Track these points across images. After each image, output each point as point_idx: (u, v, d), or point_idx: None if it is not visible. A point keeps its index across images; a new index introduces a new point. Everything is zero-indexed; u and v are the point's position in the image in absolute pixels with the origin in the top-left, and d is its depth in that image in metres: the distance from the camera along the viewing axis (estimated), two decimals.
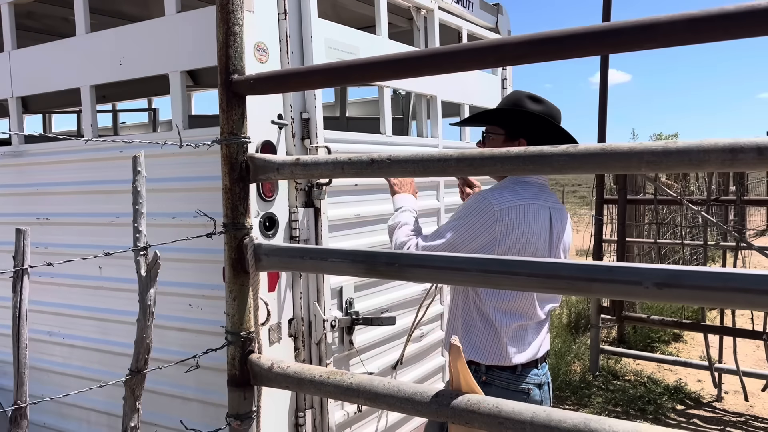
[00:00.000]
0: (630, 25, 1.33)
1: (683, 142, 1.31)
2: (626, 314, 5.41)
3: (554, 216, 2.11)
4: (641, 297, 1.39)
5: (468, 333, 2.11)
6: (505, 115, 2.16)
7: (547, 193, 2.15)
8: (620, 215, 5.44)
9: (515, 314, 2.08)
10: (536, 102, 2.15)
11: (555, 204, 2.15)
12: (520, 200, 2.02)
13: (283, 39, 2.29)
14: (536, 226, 2.03)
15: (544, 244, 2.06)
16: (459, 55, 1.54)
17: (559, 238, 2.14)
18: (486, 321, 2.07)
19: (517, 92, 2.22)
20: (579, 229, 14.69)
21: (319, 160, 1.82)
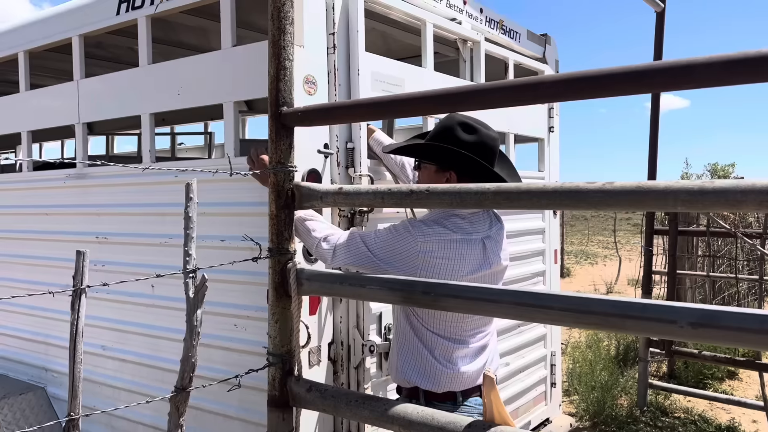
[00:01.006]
0: (667, 66, 1.35)
1: (720, 182, 1.31)
2: (676, 348, 5.25)
3: (488, 245, 2.07)
4: (676, 336, 1.38)
5: (406, 356, 2.10)
6: (435, 149, 2.12)
7: (480, 224, 2.09)
8: (671, 247, 5.32)
9: (452, 338, 2.06)
10: (469, 130, 2.10)
11: (491, 232, 2.10)
12: (448, 234, 2.00)
13: (331, 72, 2.39)
14: (464, 262, 2.00)
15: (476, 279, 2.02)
16: (497, 92, 1.59)
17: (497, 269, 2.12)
18: (423, 344, 2.06)
19: (451, 118, 2.15)
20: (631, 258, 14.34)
21: (360, 190, 1.88)
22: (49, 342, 3.48)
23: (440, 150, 2.10)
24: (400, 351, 2.13)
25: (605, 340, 7.07)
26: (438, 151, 2.11)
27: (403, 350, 2.12)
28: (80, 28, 3.12)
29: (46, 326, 3.47)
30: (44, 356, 3.54)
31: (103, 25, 3.00)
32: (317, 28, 2.34)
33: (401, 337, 2.13)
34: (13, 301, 3.44)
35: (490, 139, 2.14)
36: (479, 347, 2.14)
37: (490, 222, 2.15)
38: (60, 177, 3.33)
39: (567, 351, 7.09)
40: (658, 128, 5.31)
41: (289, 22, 1.88)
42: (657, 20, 5.23)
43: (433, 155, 2.15)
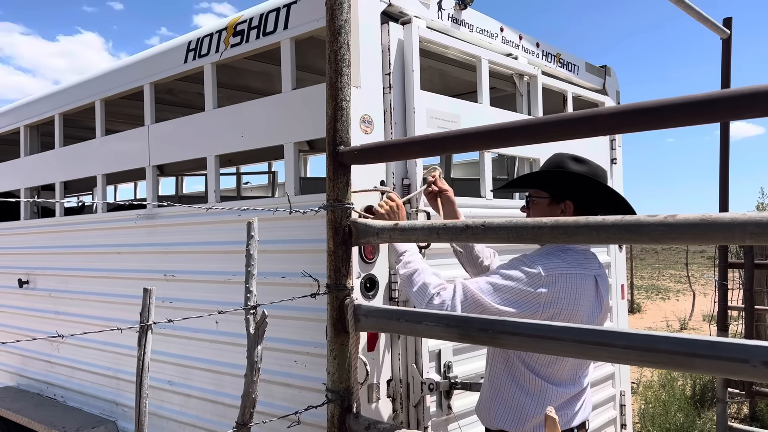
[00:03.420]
0: (726, 95, 1.31)
1: None
2: (757, 389, 4.94)
3: (601, 284, 2.02)
4: (749, 376, 1.31)
5: (500, 399, 2.03)
6: (548, 178, 2.10)
7: (592, 261, 2.04)
8: (747, 281, 5.05)
9: (561, 383, 2.00)
10: (579, 163, 2.08)
11: (599, 271, 2.04)
12: (568, 269, 1.94)
13: (387, 111, 2.43)
14: (583, 297, 1.94)
15: (590, 315, 1.96)
16: (551, 126, 1.57)
17: (606, 308, 2.04)
18: (521, 387, 1.99)
19: (559, 154, 2.14)
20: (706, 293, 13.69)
21: (415, 226, 1.89)
22: (120, 377, 3.61)
23: (554, 177, 2.09)
24: (493, 392, 2.07)
25: (680, 379, 6.73)
26: (551, 178, 2.10)
27: (496, 392, 2.06)
28: (151, 77, 3.31)
29: (118, 361, 3.61)
30: (115, 391, 3.67)
31: (172, 73, 3.17)
32: (373, 68, 2.40)
33: (494, 379, 2.08)
34: (88, 337, 3.60)
35: (601, 170, 2.13)
36: (578, 392, 2.08)
37: (599, 260, 2.11)
38: (131, 217, 3.49)
39: (638, 390, 6.78)
40: (728, 157, 5.11)
41: (346, 64, 1.94)
42: (723, 47, 5.08)
43: (545, 184, 2.12)
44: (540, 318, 1.89)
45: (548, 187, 2.10)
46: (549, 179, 2.11)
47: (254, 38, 2.73)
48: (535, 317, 1.89)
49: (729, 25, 4.99)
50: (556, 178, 2.09)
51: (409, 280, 2.05)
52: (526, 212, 2.17)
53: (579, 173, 2.05)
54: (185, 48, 3.08)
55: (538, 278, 1.90)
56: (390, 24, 2.48)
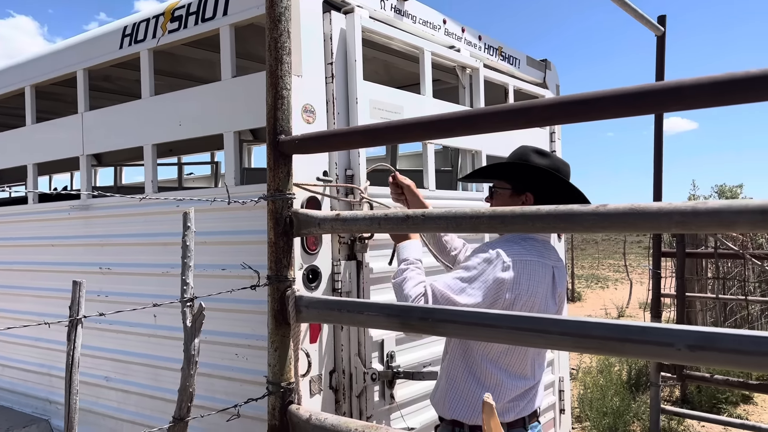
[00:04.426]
0: (654, 88, 1.35)
1: (713, 203, 1.31)
2: (688, 373, 5.16)
3: (557, 275, 2.08)
4: (674, 359, 1.36)
5: (456, 390, 2.05)
6: (511, 170, 2.15)
7: (551, 251, 2.11)
8: (679, 269, 5.26)
9: (519, 376, 2.04)
10: (543, 156, 2.13)
11: (557, 263, 2.10)
12: (528, 256, 1.99)
13: (330, 101, 2.41)
14: (541, 285, 1.99)
15: (545, 304, 2.01)
16: (490, 117, 1.59)
17: (561, 299, 2.10)
18: (478, 381, 2.02)
19: (524, 147, 2.19)
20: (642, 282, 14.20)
21: (357, 216, 1.88)
22: (53, 374, 3.48)
23: (516, 170, 2.13)
24: (450, 383, 2.09)
25: (617, 365, 6.97)
26: (514, 171, 2.14)
27: (453, 383, 2.08)
28: (85, 63, 3.18)
29: (51, 358, 3.48)
30: (48, 388, 3.54)
31: (106, 59, 3.05)
32: (315, 57, 2.38)
33: (451, 370, 2.10)
34: (19, 333, 3.45)
35: (563, 164, 2.17)
36: (532, 383, 2.12)
37: (557, 253, 2.16)
38: (64, 209, 3.36)
39: (578, 377, 6.99)
40: (662, 150, 5.30)
41: (286, 52, 1.91)
42: (658, 44, 5.25)
43: (509, 175, 2.16)
44: (502, 303, 1.93)
45: (511, 178, 2.15)
46: (512, 171, 2.15)
47: (193, 24, 2.66)
48: (498, 303, 1.93)
49: (663, 23, 5.17)
50: (518, 170, 2.13)
51: (398, 288, 2.06)
52: (489, 202, 2.21)
53: (540, 166, 2.09)
54: (120, 33, 2.97)
55: (500, 264, 1.94)
56: (332, 13, 2.46)
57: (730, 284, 7.27)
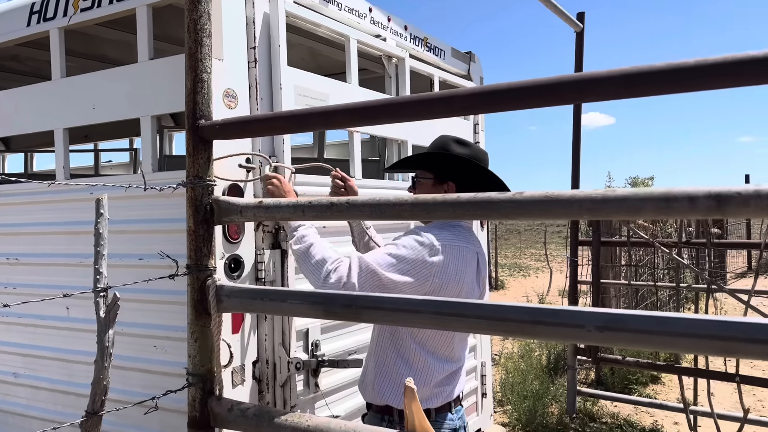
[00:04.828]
0: (567, 80, 1.40)
1: (621, 191, 1.37)
2: (602, 356, 5.42)
3: (481, 261, 2.14)
4: (584, 340, 1.43)
5: (385, 374, 2.08)
6: (432, 160, 2.18)
7: (475, 238, 2.16)
8: (594, 257, 5.51)
9: (445, 359, 2.08)
10: (462, 146, 2.18)
11: (480, 249, 2.16)
12: (457, 241, 2.03)
13: (252, 86, 2.37)
14: (468, 270, 2.04)
15: (471, 289, 2.06)
16: (412, 105, 1.61)
17: (484, 284, 2.16)
18: (407, 363, 2.04)
19: (444, 137, 2.24)
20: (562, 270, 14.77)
21: (280, 203, 1.86)
22: None
23: (437, 160, 2.15)
24: (379, 368, 2.10)
25: (537, 350, 7.23)
26: (436, 160, 2.16)
27: (382, 367, 2.09)
28: None
29: None
30: None
31: (12, 37, 2.87)
32: (237, 41, 2.32)
33: (380, 354, 2.10)
34: None
35: (483, 152, 2.21)
36: (458, 368, 2.16)
37: (479, 240, 2.20)
38: None
39: (500, 362, 7.21)
40: (579, 143, 5.52)
41: (206, 34, 1.86)
42: (577, 40, 5.45)
43: (431, 165, 2.18)
44: (429, 287, 1.95)
45: (433, 168, 2.17)
46: (434, 161, 2.18)
47: (107, 3, 2.54)
48: (425, 286, 1.95)
49: (582, 19, 5.36)
50: (440, 159, 2.16)
51: (304, 255, 2.00)
52: (413, 192, 2.23)
53: (461, 156, 2.13)
54: (28, 10, 2.80)
55: (430, 248, 1.96)
56: None
57: (641, 271, 7.67)
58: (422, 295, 1.82)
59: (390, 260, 1.94)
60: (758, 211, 1.22)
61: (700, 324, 1.28)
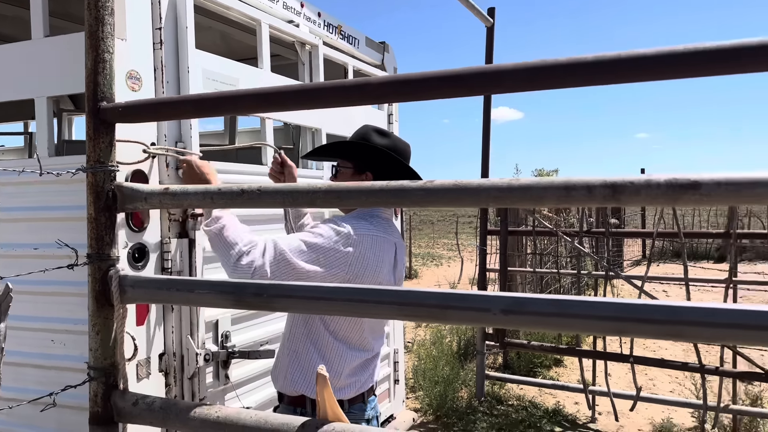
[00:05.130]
0: (476, 71, 1.44)
1: (525, 180, 1.43)
2: (509, 341, 5.64)
3: (399, 252, 2.17)
4: (490, 323, 1.48)
5: (298, 364, 2.07)
6: (352, 149, 2.20)
7: (394, 229, 2.19)
8: (502, 246, 5.71)
9: (359, 348, 2.10)
10: (383, 136, 2.20)
11: (399, 240, 2.20)
12: (375, 231, 2.06)
13: (158, 68, 2.27)
14: (385, 260, 2.06)
15: (389, 279, 2.09)
16: (325, 91, 1.60)
17: (401, 275, 2.21)
18: (321, 352, 2.05)
19: (366, 127, 2.26)
20: (473, 259, 15.22)
21: (188, 190, 1.80)
22: None
23: (357, 150, 2.16)
24: (291, 358, 2.07)
25: (448, 336, 7.43)
26: (355, 150, 2.17)
27: (295, 357, 2.07)
28: None
29: None
30: None
31: None
32: (141, 21, 2.21)
33: (294, 343, 2.08)
34: None
35: (403, 144, 2.23)
36: (372, 356, 2.16)
37: (398, 231, 2.22)
38: None
39: (413, 349, 7.35)
40: (489, 135, 5.69)
41: (108, 12, 1.77)
42: (488, 35, 5.60)
43: (351, 154, 2.18)
44: (346, 276, 1.96)
45: (353, 157, 2.18)
46: (354, 150, 2.19)
47: None
48: (340, 276, 1.94)
49: (492, 15, 5.51)
50: (360, 149, 2.17)
51: (218, 237, 1.95)
52: (333, 180, 2.23)
53: (380, 146, 2.14)
54: None
55: (347, 237, 1.96)
56: None
57: (545, 259, 8.04)
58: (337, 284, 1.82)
59: (305, 248, 1.93)
60: (648, 199, 1.31)
61: (595, 306, 1.35)
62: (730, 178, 1.19)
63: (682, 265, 4.83)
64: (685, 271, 4.73)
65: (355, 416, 2.09)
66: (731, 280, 4.63)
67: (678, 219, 4.80)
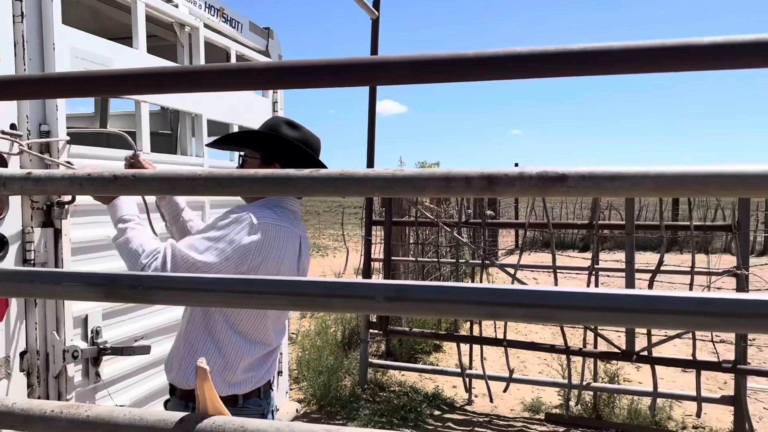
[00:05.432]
0: (362, 62, 1.45)
1: (409, 171, 1.46)
2: (392, 328, 5.77)
3: (303, 245, 2.18)
4: (375, 310, 1.50)
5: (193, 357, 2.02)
6: (260, 139, 2.18)
7: (300, 222, 2.19)
8: (386, 236, 5.82)
9: (257, 341, 2.07)
10: (293, 128, 2.18)
11: (304, 234, 2.20)
12: (278, 222, 2.04)
13: (19, 44, 2.08)
14: (288, 251, 2.05)
15: (292, 272, 2.09)
16: (204, 75, 1.54)
17: (304, 268, 2.21)
18: (218, 345, 2.00)
19: (276, 118, 2.25)
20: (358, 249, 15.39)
21: (54, 175, 1.67)
22: None
23: (266, 140, 2.12)
24: (187, 350, 2.01)
25: (333, 326, 7.46)
26: (264, 141, 2.13)
27: (190, 349, 2.01)
28: None
29: None
30: None
31: None
32: None
33: (191, 334, 2.02)
34: None
35: (314, 137, 2.20)
36: (273, 349, 2.13)
37: (303, 224, 2.21)
38: None
39: (297, 340, 7.31)
40: (374, 127, 5.76)
41: None
42: (373, 26, 5.65)
43: (259, 145, 2.15)
44: (248, 267, 1.92)
45: (262, 148, 2.15)
46: (263, 141, 2.15)
47: None
48: (243, 266, 1.91)
49: (377, 7, 5.57)
50: (269, 140, 2.14)
51: (123, 251, 1.91)
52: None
53: (289, 138, 2.12)
54: None
55: (249, 227, 1.93)
56: None
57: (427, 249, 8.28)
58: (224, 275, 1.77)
59: (206, 243, 1.90)
60: (521, 191, 1.38)
61: (471, 292, 1.41)
62: (593, 172, 1.29)
63: (550, 254, 5.16)
64: (553, 259, 5.06)
65: (250, 411, 2.06)
66: (593, 268, 5.03)
67: (548, 211, 5.12)
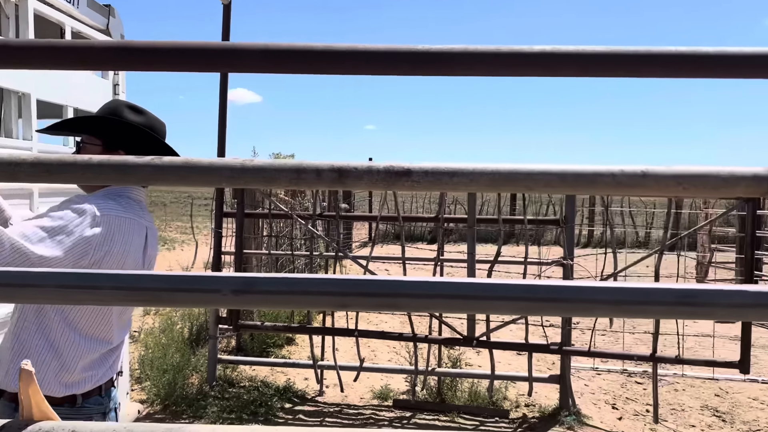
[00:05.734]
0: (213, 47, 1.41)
1: (259, 161, 1.44)
2: (242, 323, 5.65)
3: (150, 236, 2.09)
4: (221, 304, 1.46)
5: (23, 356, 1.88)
6: (101, 125, 2.04)
7: (146, 212, 2.10)
8: (238, 228, 5.68)
9: (98, 339, 1.97)
10: (137, 113, 2.07)
11: (151, 224, 2.11)
12: (123, 213, 1.94)
13: None
14: (134, 244, 1.96)
15: (134, 263, 1.99)
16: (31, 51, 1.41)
17: (151, 260, 2.13)
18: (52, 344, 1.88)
19: (117, 101, 2.13)
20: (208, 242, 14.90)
21: None
22: None
23: (107, 125, 1.98)
24: (17, 351, 1.85)
25: (179, 323, 7.15)
26: (105, 126, 1.99)
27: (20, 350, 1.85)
28: None
29: None
30: None
31: None
32: None
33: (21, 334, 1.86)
34: None
35: (159, 122, 2.09)
36: (115, 346, 2.03)
37: (150, 214, 2.10)
38: None
39: (140, 338, 6.92)
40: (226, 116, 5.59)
41: None
42: (224, 12, 5.48)
43: (99, 130, 2.00)
44: (89, 261, 1.80)
45: (102, 134, 2.01)
46: (103, 126, 2.02)
47: None
48: (84, 261, 1.79)
49: None
50: (110, 125, 2.01)
51: None
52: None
53: (134, 123, 2.01)
54: None
55: (92, 218, 1.81)
56: None
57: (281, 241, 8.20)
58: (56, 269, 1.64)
59: (41, 234, 1.75)
60: (370, 184, 1.41)
61: (321, 282, 1.43)
62: (435, 168, 1.35)
63: (400, 246, 5.34)
64: (402, 251, 5.25)
65: (90, 410, 1.95)
66: (439, 259, 5.29)
67: (399, 205, 5.30)
